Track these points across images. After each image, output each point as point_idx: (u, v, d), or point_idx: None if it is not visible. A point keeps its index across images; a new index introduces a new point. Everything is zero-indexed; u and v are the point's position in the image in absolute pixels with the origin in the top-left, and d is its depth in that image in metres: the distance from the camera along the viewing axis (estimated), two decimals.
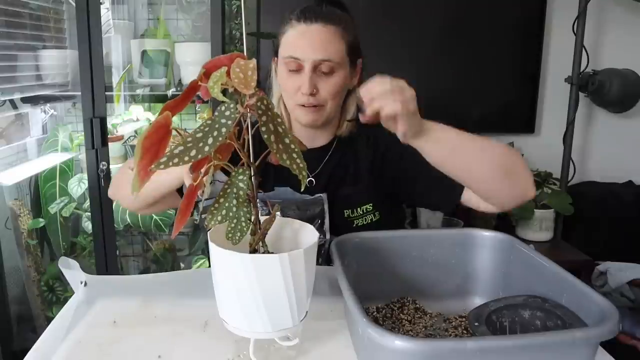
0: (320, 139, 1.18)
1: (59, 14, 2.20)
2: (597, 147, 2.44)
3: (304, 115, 1.10)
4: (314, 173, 1.16)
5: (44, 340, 0.77)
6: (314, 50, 1.04)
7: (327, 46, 1.05)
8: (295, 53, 1.05)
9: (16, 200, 2.03)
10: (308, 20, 1.06)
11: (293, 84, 1.07)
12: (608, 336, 0.61)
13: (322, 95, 1.07)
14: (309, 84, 1.05)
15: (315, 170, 1.17)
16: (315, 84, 1.06)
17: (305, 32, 1.06)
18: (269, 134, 0.59)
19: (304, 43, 1.05)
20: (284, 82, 1.10)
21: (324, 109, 1.09)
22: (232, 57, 0.62)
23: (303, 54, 1.05)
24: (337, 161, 1.18)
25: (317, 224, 1.04)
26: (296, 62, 1.06)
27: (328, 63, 1.05)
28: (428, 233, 0.94)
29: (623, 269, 1.95)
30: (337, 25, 1.07)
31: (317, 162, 1.17)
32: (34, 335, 2.00)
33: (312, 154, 1.14)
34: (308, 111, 1.08)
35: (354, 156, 1.18)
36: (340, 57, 1.07)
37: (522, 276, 0.84)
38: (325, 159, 1.17)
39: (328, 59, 1.05)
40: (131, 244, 2.30)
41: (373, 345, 0.61)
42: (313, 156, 1.16)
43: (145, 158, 0.61)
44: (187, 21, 2.20)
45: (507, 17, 2.22)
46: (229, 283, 0.69)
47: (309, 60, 1.04)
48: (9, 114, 2.04)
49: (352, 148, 1.18)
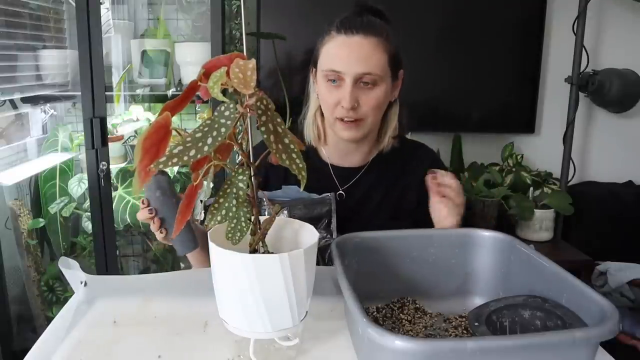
0: (356, 154, 1.16)
1: (59, 14, 2.20)
2: (597, 147, 2.44)
3: (343, 129, 1.07)
4: (345, 186, 1.15)
5: (44, 340, 0.77)
6: (356, 63, 1.02)
7: (369, 58, 1.02)
8: (336, 66, 1.03)
9: (16, 200, 2.03)
10: (349, 32, 1.03)
11: (333, 97, 1.05)
12: (608, 336, 0.61)
13: (363, 109, 1.05)
14: (350, 97, 1.02)
15: (347, 184, 1.16)
16: (357, 98, 1.04)
17: (346, 44, 1.03)
18: (269, 134, 0.59)
19: (345, 55, 1.03)
20: (324, 96, 1.07)
21: (364, 123, 1.07)
22: (232, 57, 0.62)
23: (344, 67, 1.02)
24: (371, 182, 1.16)
25: (323, 223, 1.04)
26: (337, 75, 1.03)
27: (370, 76, 1.03)
28: (428, 233, 0.94)
29: (623, 269, 1.95)
30: (379, 36, 1.04)
31: (348, 180, 1.16)
32: (34, 335, 2.00)
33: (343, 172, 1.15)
34: (348, 126, 1.06)
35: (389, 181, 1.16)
36: (382, 69, 1.04)
37: (522, 276, 0.84)
38: (356, 178, 1.16)
39: (369, 72, 1.02)
40: (131, 244, 2.30)
41: (373, 345, 0.61)
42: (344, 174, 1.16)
43: (146, 159, 0.61)
44: (187, 21, 2.20)
45: (506, 17, 2.22)
46: (229, 283, 0.69)
47: (350, 73, 1.02)
48: (9, 114, 2.04)
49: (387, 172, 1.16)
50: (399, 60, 1.09)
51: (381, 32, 1.05)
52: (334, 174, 1.17)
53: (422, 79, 2.15)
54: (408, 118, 1.17)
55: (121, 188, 2.07)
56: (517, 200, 2.12)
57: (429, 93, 2.19)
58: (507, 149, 2.28)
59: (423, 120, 2.14)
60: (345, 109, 1.04)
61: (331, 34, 1.05)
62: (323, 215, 1.04)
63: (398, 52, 1.08)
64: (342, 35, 1.04)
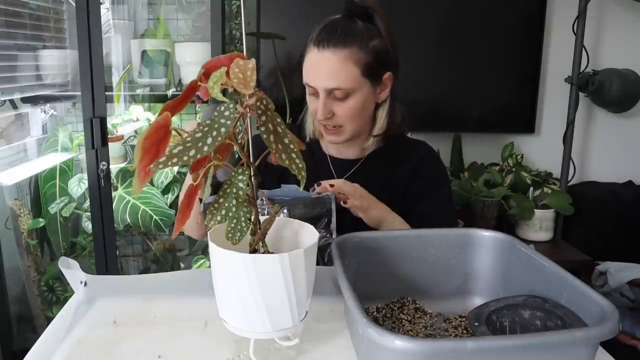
0: (349, 151, 1.22)
1: (59, 14, 2.20)
2: (597, 147, 2.44)
3: (326, 135, 1.15)
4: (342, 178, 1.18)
5: (44, 340, 0.77)
6: (325, 78, 1.06)
7: (337, 74, 1.06)
8: (309, 80, 1.10)
9: (16, 200, 2.03)
10: (320, 46, 1.07)
11: (313, 106, 1.12)
12: (608, 336, 0.61)
13: (339, 118, 1.11)
14: (323, 109, 1.08)
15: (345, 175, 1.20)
16: (330, 109, 1.09)
17: (317, 60, 1.08)
18: (268, 134, 0.59)
19: (315, 71, 1.08)
20: (309, 103, 1.15)
21: (344, 129, 1.13)
22: (232, 57, 0.62)
23: (315, 82, 1.09)
24: (367, 175, 1.20)
25: (323, 222, 1.04)
26: (312, 89, 1.09)
27: (339, 90, 1.07)
28: (428, 233, 0.94)
29: (623, 269, 1.95)
30: (350, 47, 1.05)
31: (345, 171, 1.21)
32: (34, 335, 2.00)
33: (342, 164, 1.22)
34: (329, 132, 1.13)
35: (388, 172, 1.20)
36: (353, 82, 1.07)
37: (522, 276, 0.84)
38: (353, 170, 1.21)
39: (338, 87, 1.06)
40: (131, 244, 2.30)
41: (373, 345, 0.61)
42: (343, 165, 1.22)
43: (146, 159, 0.61)
44: (187, 21, 2.20)
45: (507, 17, 2.22)
46: (229, 283, 0.69)
47: (321, 87, 1.07)
48: (9, 114, 2.04)
49: (387, 162, 1.21)
50: (382, 65, 1.10)
51: (354, 41, 1.06)
52: (333, 165, 1.23)
53: (422, 79, 2.15)
54: (407, 116, 1.19)
55: (121, 188, 2.07)
56: (517, 200, 2.12)
57: (429, 93, 2.19)
58: (507, 149, 2.28)
59: (423, 120, 2.14)
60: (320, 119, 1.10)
61: (310, 46, 1.09)
62: (323, 215, 1.04)
63: (379, 57, 1.09)
64: (315, 50, 1.08)
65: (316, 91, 1.09)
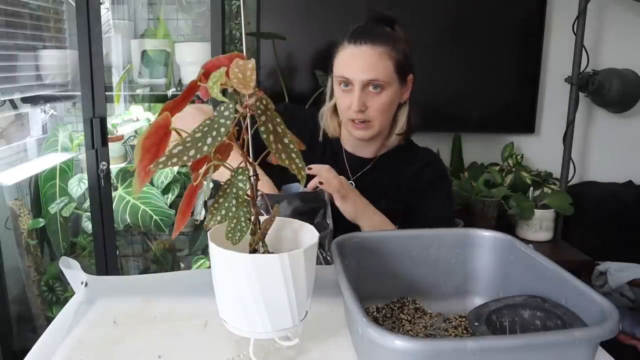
0: (366, 150, 1.27)
1: (59, 14, 2.20)
2: (597, 147, 2.44)
3: (354, 130, 1.18)
4: (354, 177, 1.26)
5: (44, 340, 0.77)
6: (362, 71, 1.12)
7: (375, 67, 1.12)
8: (346, 73, 1.14)
9: (16, 200, 2.03)
10: (357, 42, 1.13)
11: (345, 100, 1.16)
12: (608, 336, 0.61)
13: (371, 112, 1.15)
14: (358, 101, 1.13)
15: (356, 175, 1.26)
16: (364, 102, 1.14)
17: (354, 53, 1.13)
18: (268, 134, 0.59)
19: (353, 64, 1.13)
20: (338, 99, 1.18)
21: (373, 124, 1.17)
22: (232, 57, 0.62)
23: (352, 74, 1.13)
24: (379, 174, 1.26)
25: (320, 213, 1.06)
26: (347, 81, 1.13)
27: (376, 82, 1.12)
28: (428, 233, 0.94)
29: (623, 269, 1.95)
30: (385, 45, 1.13)
31: (359, 168, 1.26)
32: (34, 335, 2.00)
33: (356, 161, 1.27)
34: (358, 127, 1.17)
35: (395, 173, 1.26)
36: (388, 76, 1.13)
37: (522, 276, 0.84)
38: (366, 169, 1.26)
39: (375, 79, 1.12)
40: (131, 244, 2.30)
41: (373, 345, 0.61)
42: (357, 163, 1.27)
43: (146, 159, 0.61)
44: (187, 21, 2.20)
45: (507, 17, 2.22)
46: (229, 283, 0.69)
47: (358, 80, 1.12)
48: (9, 114, 2.04)
49: (395, 164, 1.27)
50: (408, 66, 1.18)
51: (388, 40, 1.14)
52: (348, 162, 1.27)
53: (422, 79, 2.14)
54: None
55: (121, 188, 2.07)
56: (517, 200, 2.12)
57: (429, 93, 2.18)
58: (507, 149, 2.28)
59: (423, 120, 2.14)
60: (354, 112, 1.14)
61: (343, 43, 1.15)
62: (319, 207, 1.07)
63: (406, 58, 1.17)
64: (352, 45, 1.14)
65: (350, 84, 1.13)
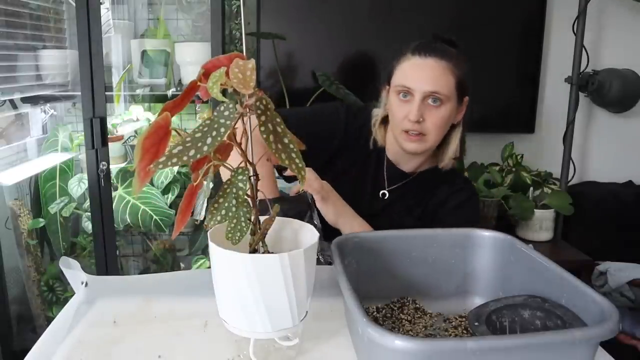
0: (408, 165, 1.26)
1: (59, 14, 2.20)
2: (597, 147, 2.44)
3: (407, 142, 1.17)
4: (390, 188, 1.26)
5: (44, 340, 0.77)
6: (426, 82, 1.12)
7: (438, 79, 1.13)
8: (408, 83, 1.14)
9: (16, 200, 2.03)
10: (423, 54, 1.14)
11: (402, 111, 1.15)
12: (608, 336, 0.61)
13: (428, 125, 1.14)
14: (417, 112, 1.12)
15: (392, 186, 1.27)
16: (422, 114, 1.13)
17: (419, 65, 1.14)
18: (268, 134, 0.59)
19: (417, 74, 1.13)
20: (394, 109, 1.17)
21: (427, 138, 1.16)
22: (232, 57, 0.62)
23: (415, 84, 1.13)
24: (413, 190, 1.27)
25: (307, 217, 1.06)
26: (407, 90, 1.13)
27: (437, 95, 1.12)
28: (428, 233, 0.94)
29: (623, 269, 1.95)
30: (449, 61, 1.14)
31: (397, 181, 1.26)
32: (34, 335, 2.00)
33: (396, 173, 1.27)
34: (412, 139, 1.16)
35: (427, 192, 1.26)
36: (449, 91, 1.14)
37: (522, 276, 0.84)
38: (404, 182, 1.27)
39: (437, 91, 1.12)
40: (131, 244, 2.30)
41: (373, 345, 0.61)
42: (396, 176, 1.27)
43: (146, 159, 0.61)
44: (187, 21, 2.20)
45: (507, 17, 2.22)
46: (229, 283, 0.69)
47: (419, 90, 1.12)
48: (9, 114, 2.04)
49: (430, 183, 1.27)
50: (466, 87, 1.19)
51: (452, 57, 1.15)
52: (387, 172, 1.27)
53: None
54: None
55: (121, 188, 2.07)
56: (517, 200, 2.12)
57: None
58: (507, 149, 2.28)
59: None
60: (411, 122, 1.13)
61: (407, 55, 1.16)
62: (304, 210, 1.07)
63: (466, 79, 1.19)
64: (417, 57, 1.15)
65: (411, 94, 1.13)
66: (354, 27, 2.18)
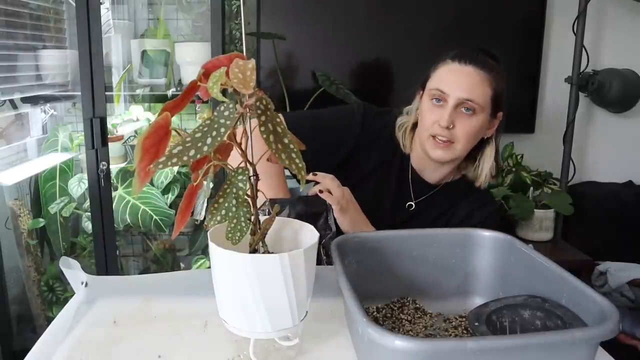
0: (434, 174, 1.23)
1: (59, 14, 2.20)
2: (597, 147, 2.44)
3: (433, 148, 1.14)
4: (417, 200, 1.24)
5: (44, 340, 0.77)
6: (462, 88, 1.10)
7: (475, 88, 1.11)
8: (443, 87, 1.12)
9: (16, 200, 2.03)
10: (463, 61, 1.12)
11: (433, 115, 1.13)
12: (608, 336, 0.61)
13: (457, 132, 1.12)
14: (449, 117, 1.10)
15: (419, 198, 1.24)
16: (453, 120, 1.11)
17: (457, 71, 1.12)
18: (268, 134, 0.59)
19: (454, 80, 1.12)
20: (425, 113, 1.15)
21: (455, 147, 1.13)
22: (231, 57, 0.62)
23: (450, 89, 1.11)
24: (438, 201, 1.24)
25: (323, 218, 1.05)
26: (442, 95, 1.11)
27: (471, 103, 1.10)
28: (428, 233, 0.94)
29: (623, 269, 1.95)
30: (488, 72, 1.12)
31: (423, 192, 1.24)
32: (34, 335, 2.00)
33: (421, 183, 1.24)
34: (439, 145, 1.13)
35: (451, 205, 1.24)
36: (484, 101, 1.12)
37: (522, 276, 0.84)
38: (429, 194, 1.24)
39: (472, 99, 1.10)
40: (131, 244, 2.30)
41: (373, 345, 0.61)
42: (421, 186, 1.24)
43: (145, 159, 0.61)
44: (187, 21, 2.20)
45: (507, 17, 2.22)
46: (229, 283, 0.69)
47: (454, 96, 1.10)
48: (9, 114, 2.04)
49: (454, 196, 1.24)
50: (501, 102, 1.16)
51: (491, 70, 1.13)
52: (412, 181, 1.25)
53: None
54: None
55: (121, 188, 2.07)
56: (517, 200, 2.12)
57: None
58: (507, 149, 2.28)
59: None
60: (441, 127, 1.11)
61: (446, 61, 1.15)
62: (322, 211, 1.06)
63: (502, 93, 1.16)
64: (456, 63, 1.13)
65: (444, 99, 1.11)
66: (354, 27, 2.18)
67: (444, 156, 1.14)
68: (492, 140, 1.20)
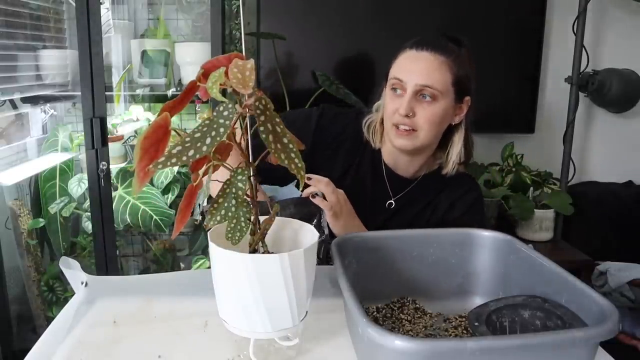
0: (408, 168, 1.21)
1: (59, 14, 2.20)
2: (597, 147, 2.44)
3: (396, 137, 1.13)
4: (396, 197, 1.22)
5: (44, 340, 0.77)
6: (418, 75, 1.09)
7: (432, 73, 1.09)
8: (401, 75, 1.11)
9: (16, 200, 2.03)
10: (419, 48, 1.11)
11: (393, 104, 1.12)
12: (608, 336, 0.61)
13: (418, 120, 1.10)
14: (407, 105, 1.09)
15: (397, 195, 1.22)
16: (413, 108, 1.09)
17: (413, 57, 1.11)
18: (267, 134, 0.59)
19: (410, 67, 1.10)
20: (387, 103, 1.14)
21: (417, 135, 1.11)
22: (231, 57, 0.62)
23: (407, 77, 1.10)
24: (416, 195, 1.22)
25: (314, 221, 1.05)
26: (399, 83, 1.10)
27: (429, 89, 1.09)
28: (428, 233, 0.94)
29: (623, 269, 1.95)
30: (447, 57, 1.10)
31: (401, 188, 1.22)
32: (34, 335, 2.00)
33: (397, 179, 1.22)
34: (401, 134, 1.12)
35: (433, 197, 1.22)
36: (444, 86, 1.10)
37: (522, 276, 0.84)
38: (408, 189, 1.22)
39: (429, 85, 1.08)
40: (131, 244, 2.30)
41: (373, 345, 0.61)
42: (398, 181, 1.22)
43: (145, 159, 0.61)
44: (187, 21, 2.20)
45: (507, 17, 2.22)
46: (229, 283, 0.69)
47: (411, 83, 1.09)
48: (9, 114, 2.04)
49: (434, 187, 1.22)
50: (466, 86, 1.14)
51: (450, 53, 1.11)
52: (388, 178, 1.23)
53: None
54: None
55: (121, 188, 2.07)
56: (517, 200, 2.12)
57: None
58: (507, 149, 2.28)
59: None
60: (401, 116, 1.10)
61: (405, 49, 1.13)
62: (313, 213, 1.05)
63: (467, 78, 1.14)
64: (413, 50, 1.12)
65: (403, 88, 1.10)
66: (354, 27, 2.18)
67: (407, 144, 1.12)
68: (460, 126, 1.18)
